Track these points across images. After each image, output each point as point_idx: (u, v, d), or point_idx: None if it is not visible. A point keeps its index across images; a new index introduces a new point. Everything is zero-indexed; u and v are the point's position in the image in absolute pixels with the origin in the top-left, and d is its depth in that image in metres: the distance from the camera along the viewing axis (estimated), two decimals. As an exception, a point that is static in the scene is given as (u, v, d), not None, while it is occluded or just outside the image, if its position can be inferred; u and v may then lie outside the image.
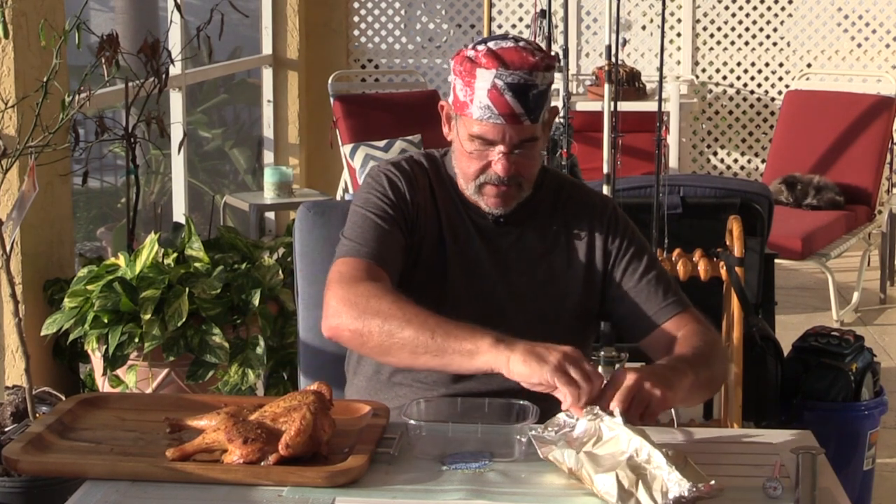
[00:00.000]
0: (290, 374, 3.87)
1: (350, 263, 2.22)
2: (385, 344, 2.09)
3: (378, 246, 2.24)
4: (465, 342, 2.03)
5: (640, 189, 3.98)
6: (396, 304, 2.10)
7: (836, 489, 1.89)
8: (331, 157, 6.72)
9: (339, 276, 2.20)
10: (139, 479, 1.85)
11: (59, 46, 3.37)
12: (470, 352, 2.03)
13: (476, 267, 2.33)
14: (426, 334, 2.05)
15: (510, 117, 2.21)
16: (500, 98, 2.20)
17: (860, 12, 7.28)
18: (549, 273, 2.35)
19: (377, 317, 2.10)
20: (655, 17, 7.29)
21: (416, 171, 2.36)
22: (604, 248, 2.37)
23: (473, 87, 2.21)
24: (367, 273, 2.19)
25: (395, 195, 2.30)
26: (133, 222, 4.11)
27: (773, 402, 3.49)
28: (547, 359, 1.95)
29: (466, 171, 2.29)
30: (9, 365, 3.79)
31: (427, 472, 1.90)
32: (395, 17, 7.49)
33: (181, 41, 5.24)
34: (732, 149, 7.50)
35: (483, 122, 2.22)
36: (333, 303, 2.17)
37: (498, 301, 2.33)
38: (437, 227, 2.33)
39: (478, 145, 2.25)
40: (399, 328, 2.07)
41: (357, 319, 2.11)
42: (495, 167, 2.25)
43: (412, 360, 2.10)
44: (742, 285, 3.35)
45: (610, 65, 4.39)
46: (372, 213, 2.28)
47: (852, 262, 6.38)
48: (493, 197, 2.29)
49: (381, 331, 2.09)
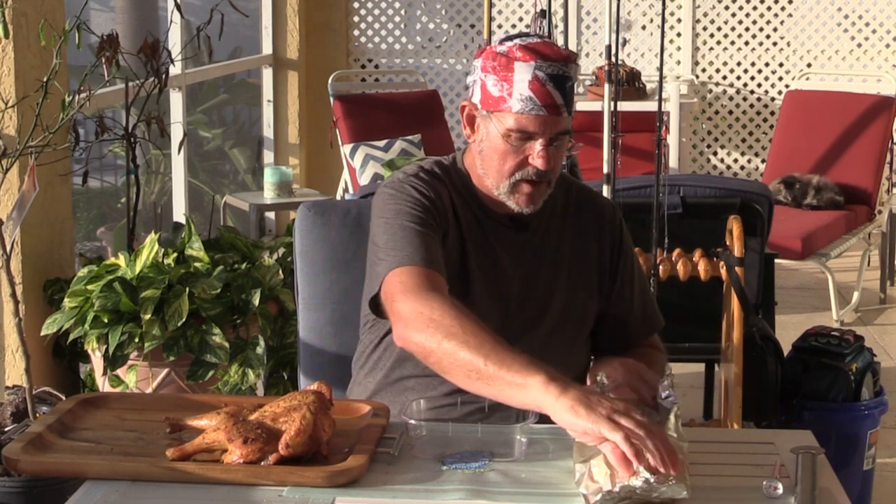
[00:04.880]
0: (290, 374, 3.87)
1: (409, 272, 2.16)
2: (444, 362, 2.03)
3: (427, 252, 2.20)
4: (516, 375, 1.93)
5: (640, 189, 3.98)
6: (459, 322, 2.03)
7: (836, 489, 1.89)
8: (331, 157, 6.72)
9: (403, 287, 2.14)
10: (139, 479, 1.85)
11: (59, 46, 3.37)
12: (520, 386, 1.92)
13: (496, 272, 2.33)
14: (480, 359, 1.97)
15: (552, 108, 2.20)
16: (542, 89, 2.19)
17: (860, 12, 7.28)
18: (564, 275, 2.37)
19: (439, 332, 2.03)
20: (655, 17, 7.30)
21: (434, 180, 2.34)
22: (610, 256, 2.41)
23: (512, 81, 2.19)
24: (429, 280, 2.14)
25: (425, 202, 2.27)
26: (133, 222, 4.11)
27: (773, 402, 3.48)
28: (597, 409, 1.84)
29: (501, 169, 2.26)
30: (9, 365, 3.79)
31: (427, 472, 1.90)
32: (395, 17, 7.49)
33: (181, 41, 5.24)
34: (732, 149, 7.50)
35: (524, 114, 2.20)
36: (404, 313, 2.11)
37: (516, 304, 2.34)
38: (459, 234, 2.32)
39: (515, 140, 2.22)
40: (457, 348, 2.00)
41: (421, 332, 2.06)
42: (535, 161, 2.23)
43: (467, 384, 2.02)
44: (742, 285, 3.34)
45: (610, 65, 4.39)
46: (409, 223, 2.24)
47: (852, 262, 6.38)
48: (526, 195, 2.26)
49: (441, 348, 2.02)
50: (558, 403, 1.87)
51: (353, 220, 2.62)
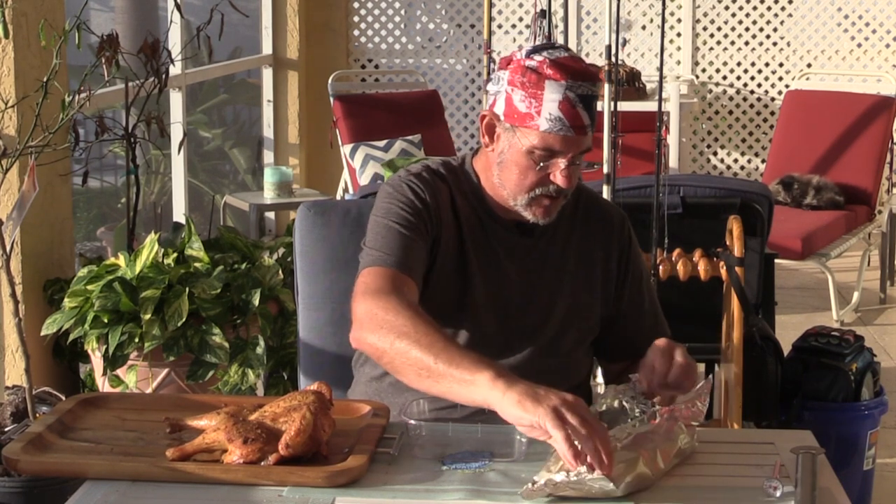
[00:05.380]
0: (290, 374, 3.87)
1: (376, 273, 2.18)
2: (396, 362, 2.04)
3: (403, 255, 2.21)
4: (465, 372, 1.94)
5: (640, 189, 3.98)
6: (412, 322, 2.04)
7: (836, 489, 1.89)
8: (331, 157, 6.72)
9: (365, 287, 2.16)
10: (139, 479, 1.85)
11: (59, 46, 3.37)
12: (468, 383, 1.93)
13: (497, 276, 2.33)
14: (430, 358, 1.98)
15: (580, 129, 2.19)
16: (572, 110, 2.17)
17: (860, 12, 7.28)
18: (568, 281, 2.36)
19: (392, 332, 2.04)
20: (655, 17, 7.30)
21: (437, 181, 2.33)
22: (618, 266, 2.40)
23: (541, 99, 2.17)
24: (393, 283, 2.15)
25: (417, 204, 2.27)
26: (133, 222, 4.11)
27: (773, 402, 3.48)
28: (543, 403, 1.83)
29: (521, 183, 2.24)
30: (9, 365, 3.79)
31: (427, 472, 1.90)
32: (395, 17, 7.49)
33: (181, 41, 5.24)
34: (732, 149, 7.50)
35: (551, 133, 2.18)
36: (359, 314, 2.12)
37: (518, 309, 2.33)
38: (459, 236, 2.32)
39: (538, 156, 2.21)
40: (408, 348, 2.01)
41: (374, 333, 2.07)
42: (558, 179, 2.22)
43: (418, 383, 2.03)
44: (742, 285, 3.34)
45: (610, 65, 4.38)
46: (395, 223, 2.25)
47: (852, 262, 6.38)
48: (544, 208, 2.26)
49: (394, 348, 2.03)
50: (505, 398, 1.87)
51: (353, 220, 2.61)
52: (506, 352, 2.31)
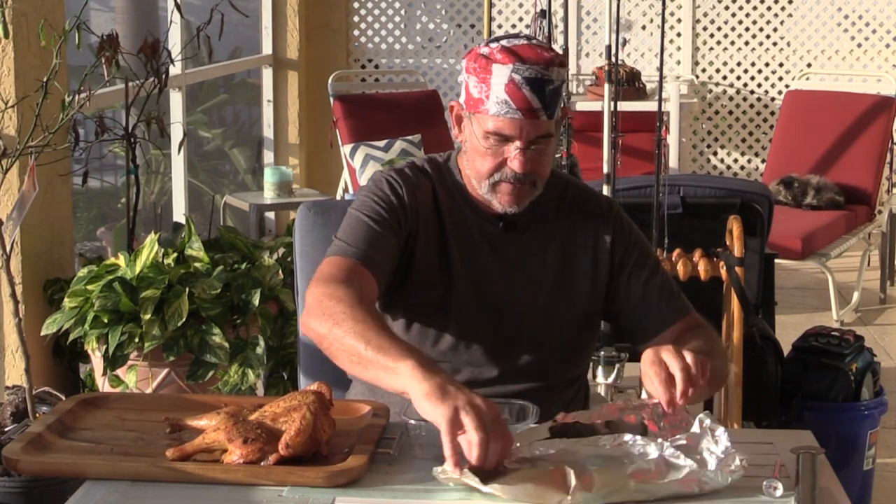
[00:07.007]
0: (290, 374, 3.87)
1: (334, 263, 2.21)
2: (333, 348, 2.06)
3: (367, 247, 2.22)
4: (389, 359, 1.95)
5: (640, 189, 3.98)
6: (351, 311, 2.05)
7: (836, 489, 1.89)
8: (331, 157, 6.72)
9: (319, 275, 2.19)
10: (139, 479, 1.85)
11: (59, 46, 3.37)
12: (392, 371, 1.94)
13: (482, 273, 2.33)
14: (362, 345, 2.00)
15: (528, 112, 2.19)
16: (517, 92, 2.18)
17: (860, 12, 7.28)
18: (555, 277, 2.35)
19: (331, 319, 2.06)
20: (655, 17, 7.30)
21: (420, 177, 2.34)
22: (610, 253, 2.37)
23: (489, 83, 2.19)
24: (348, 274, 2.17)
25: (392, 200, 2.29)
26: (133, 222, 4.11)
27: (773, 402, 3.48)
28: (447, 401, 1.83)
29: (481, 170, 2.26)
30: (9, 365, 3.79)
31: (427, 472, 1.90)
32: (395, 17, 7.49)
33: (181, 41, 5.24)
34: (732, 149, 7.50)
35: (500, 117, 2.19)
36: (308, 300, 2.16)
37: (505, 306, 2.33)
38: (441, 234, 2.32)
39: (493, 142, 2.22)
40: (344, 334, 2.03)
41: (317, 319, 2.09)
42: (511, 164, 2.22)
43: (350, 369, 2.06)
44: (742, 285, 3.35)
45: (610, 65, 4.39)
46: (365, 216, 2.27)
47: (852, 262, 6.38)
48: (508, 195, 2.26)
49: (332, 334, 2.05)
50: (418, 389, 1.88)
51: (353, 220, 2.61)
52: (494, 346, 2.31)
